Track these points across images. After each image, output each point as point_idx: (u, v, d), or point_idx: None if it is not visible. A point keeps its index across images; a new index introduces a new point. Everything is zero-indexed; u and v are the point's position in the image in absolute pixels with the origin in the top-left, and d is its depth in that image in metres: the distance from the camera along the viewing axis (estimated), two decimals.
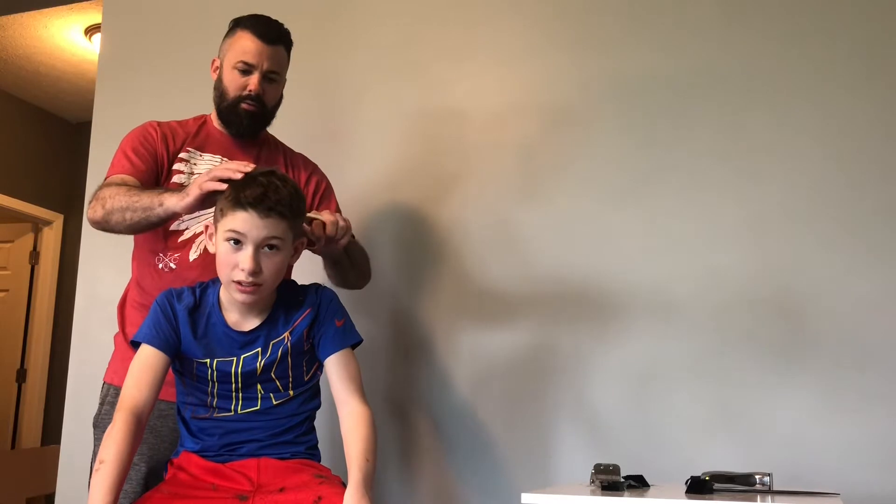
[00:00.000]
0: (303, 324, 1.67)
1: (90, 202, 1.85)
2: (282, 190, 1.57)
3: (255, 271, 1.55)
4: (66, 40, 4.56)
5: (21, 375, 5.37)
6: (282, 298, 1.69)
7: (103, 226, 1.82)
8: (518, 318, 2.34)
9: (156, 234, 1.90)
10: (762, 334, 2.12)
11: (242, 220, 1.54)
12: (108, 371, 1.97)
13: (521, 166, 2.42)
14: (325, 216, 1.76)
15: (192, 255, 1.90)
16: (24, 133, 5.44)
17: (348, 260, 1.98)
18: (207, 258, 1.79)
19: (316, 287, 1.74)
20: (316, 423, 1.76)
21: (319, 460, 1.72)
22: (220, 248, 1.58)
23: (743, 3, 2.31)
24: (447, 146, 2.51)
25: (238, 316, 1.65)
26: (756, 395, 2.09)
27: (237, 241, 1.55)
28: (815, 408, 2.05)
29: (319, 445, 1.76)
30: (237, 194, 1.55)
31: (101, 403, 1.93)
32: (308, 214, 1.73)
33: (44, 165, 5.51)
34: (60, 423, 2.79)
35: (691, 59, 2.32)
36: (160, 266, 1.90)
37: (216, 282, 1.67)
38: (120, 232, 1.83)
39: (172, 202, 1.71)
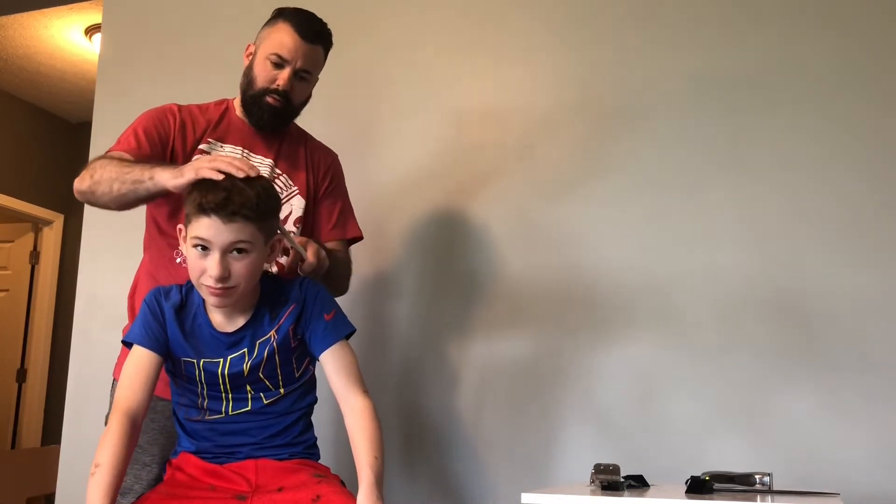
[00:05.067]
0: (288, 321, 1.64)
1: (81, 172, 1.77)
2: (246, 192, 1.51)
3: (224, 277, 1.51)
4: (66, 40, 4.56)
5: (21, 375, 5.37)
6: (266, 296, 1.65)
7: (88, 196, 1.74)
8: (519, 318, 2.34)
9: (176, 225, 1.83)
10: (763, 334, 2.12)
11: (206, 227, 1.50)
12: (117, 367, 1.90)
13: (521, 166, 2.42)
14: (309, 253, 1.73)
15: None
16: (24, 133, 5.44)
17: (324, 276, 1.87)
18: None
19: (300, 281, 1.70)
20: (318, 421, 1.75)
21: (318, 458, 1.71)
22: (189, 253, 1.55)
23: (746, 3, 2.31)
24: (448, 147, 2.51)
25: (222, 317, 1.63)
26: (756, 394, 2.09)
27: (204, 247, 1.52)
28: (816, 408, 2.04)
29: (323, 444, 1.75)
30: (200, 199, 1.50)
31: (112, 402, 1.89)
32: (292, 238, 1.69)
33: (44, 165, 5.52)
34: (60, 423, 2.79)
35: (694, 58, 2.32)
36: (178, 260, 1.84)
37: None
38: (105, 205, 1.75)
39: (164, 178, 1.62)
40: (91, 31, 4.42)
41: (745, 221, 2.19)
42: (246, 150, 1.93)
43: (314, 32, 1.91)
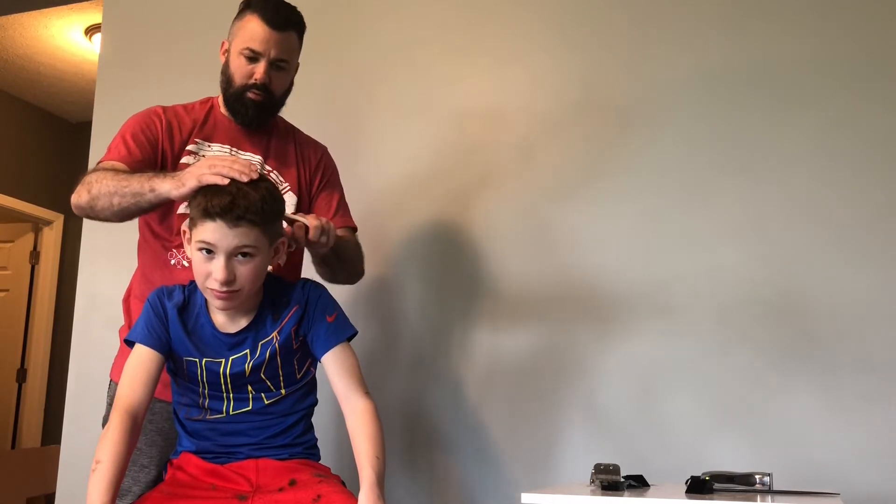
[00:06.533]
0: (290, 322, 1.64)
1: (76, 186, 1.75)
2: (251, 195, 1.51)
3: (229, 280, 1.52)
4: (66, 40, 4.56)
5: (21, 375, 5.37)
6: (268, 297, 1.66)
7: (87, 212, 1.74)
8: (520, 318, 2.34)
9: (169, 228, 1.84)
10: (763, 334, 2.12)
11: (212, 231, 1.50)
12: (113, 368, 1.91)
13: (522, 167, 2.42)
14: (309, 220, 1.70)
15: None
16: (24, 133, 5.44)
17: (337, 260, 1.89)
18: None
19: (303, 283, 1.70)
20: (319, 422, 1.75)
21: (318, 459, 1.71)
22: (194, 256, 1.55)
23: (747, 3, 2.31)
24: (449, 147, 2.51)
25: (224, 318, 1.63)
26: (756, 394, 2.09)
27: (209, 251, 1.52)
28: (816, 408, 2.05)
29: (324, 445, 1.75)
30: (206, 203, 1.51)
31: (110, 403, 1.84)
32: (290, 215, 1.68)
33: (44, 165, 5.51)
34: (60, 423, 2.79)
35: (695, 58, 2.32)
36: (172, 262, 1.83)
37: None
38: (106, 219, 1.75)
39: (166, 188, 1.62)
40: (91, 31, 4.42)
41: (745, 221, 2.19)
42: (234, 149, 1.90)
43: (283, 19, 1.85)
